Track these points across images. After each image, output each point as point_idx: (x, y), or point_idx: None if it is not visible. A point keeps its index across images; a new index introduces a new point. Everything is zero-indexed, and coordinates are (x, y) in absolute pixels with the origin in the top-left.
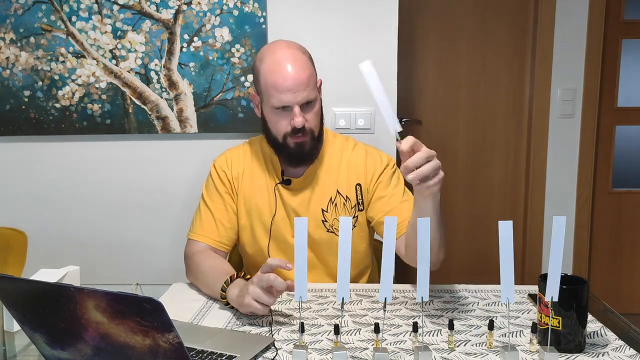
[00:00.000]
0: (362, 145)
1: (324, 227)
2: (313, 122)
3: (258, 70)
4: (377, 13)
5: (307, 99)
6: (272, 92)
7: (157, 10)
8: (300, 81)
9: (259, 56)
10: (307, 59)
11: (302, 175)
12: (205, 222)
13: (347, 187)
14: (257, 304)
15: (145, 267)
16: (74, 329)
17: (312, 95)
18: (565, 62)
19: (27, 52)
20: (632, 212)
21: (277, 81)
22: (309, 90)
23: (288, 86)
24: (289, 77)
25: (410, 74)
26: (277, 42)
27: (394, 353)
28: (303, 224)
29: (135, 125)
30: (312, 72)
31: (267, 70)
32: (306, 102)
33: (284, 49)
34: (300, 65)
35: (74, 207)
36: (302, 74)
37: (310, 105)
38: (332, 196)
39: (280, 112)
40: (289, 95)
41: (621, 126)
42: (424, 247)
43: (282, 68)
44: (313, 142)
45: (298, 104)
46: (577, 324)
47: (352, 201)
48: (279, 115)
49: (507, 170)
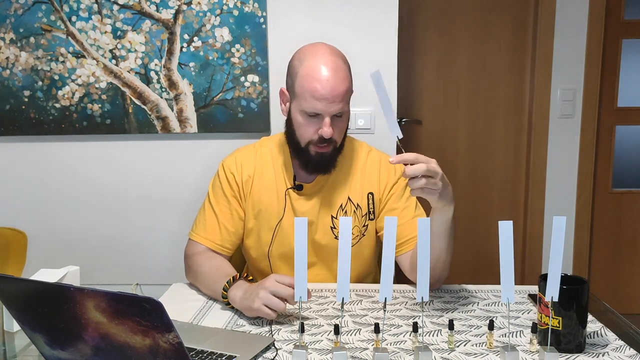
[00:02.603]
0: (377, 153)
1: (332, 234)
2: (339, 135)
3: (296, 70)
4: (377, 13)
5: (339, 111)
6: (307, 96)
7: (157, 10)
8: (337, 93)
9: (299, 56)
10: (348, 70)
11: (313, 180)
12: (209, 224)
13: (359, 195)
14: (268, 309)
15: (145, 267)
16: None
17: (345, 108)
18: (565, 62)
19: (27, 52)
20: (632, 212)
21: (315, 88)
22: (343, 103)
23: (325, 95)
24: (327, 86)
25: (410, 74)
26: (319, 45)
27: (394, 353)
28: (303, 224)
29: (135, 125)
30: (350, 85)
31: (306, 74)
32: (337, 114)
33: (327, 55)
34: (341, 77)
35: (74, 207)
36: (342, 86)
37: (340, 117)
38: (343, 203)
39: (310, 119)
40: (324, 104)
41: (621, 126)
42: (424, 247)
43: (322, 75)
44: (334, 153)
45: (330, 115)
46: (577, 324)
47: (363, 209)
48: (307, 120)
49: (507, 170)
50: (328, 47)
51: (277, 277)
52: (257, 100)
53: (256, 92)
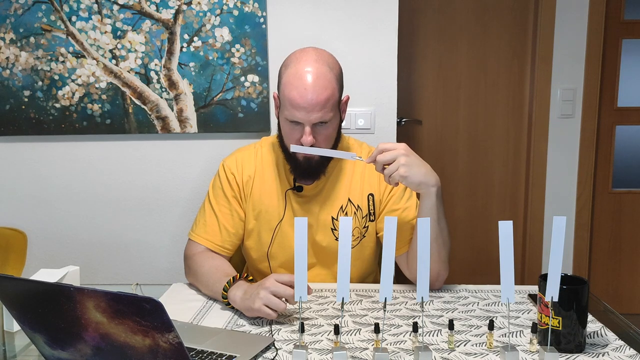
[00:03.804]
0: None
1: (332, 235)
2: (323, 143)
3: (281, 76)
4: (377, 13)
5: (320, 119)
6: (287, 105)
7: (157, 10)
8: (316, 102)
9: (286, 62)
10: (333, 77)
11: (314, 182)
12: (209, 224)
13: (359, 197)
14: (268, 309)
15: (145, 267)
16: (73, 329)
17: (327, 117)
18: (565, 62)
19: (27, 52)
20: (632, 212)
21: (294, 97)
22: (324, 111)
23: (302, 104)
24: (305, 95)
25: (410, 74)
26: (306, 51)
27: (394, 353)
28: (303, 224)
29: (135, 125)
30: (333, 92)
31: (287, 81)
32: (319, 122)
33: (310, 63)
34: (321, 85)
35: (74, 207)
36: (321, 94)
37: (324, 125)
38: (343, 204)
39: (293, 126)
40: (302, 113)
41: (621, 126)
42: (424, 247)
43: (301, 84)
44: (321, 160)
45: (310, 124)
46: (577, 324)
47: (364, 211)
48: (291, 128)
49: (507, 170)
50: (315, 52)
51: (277, 276)
52: (257, 100)
53: (256, 92)
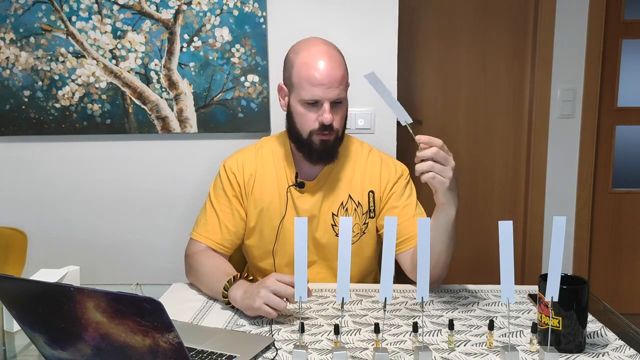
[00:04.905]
0: (377, 152)
1: (333, 232)
2: (339, 123)
3: (292, 62)
4: (377, 13)
5: (338, 97)
6: (305, 84)
7: (157, 10)
8: (334, 78)
9: (294, 49)
10: (342, 59)
11: (315, 178)
12: (210, 223)
13: (360, 193)
14: (269, 308)
15: (145, 267)
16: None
17: (343, 95)
18: (565, 62)
19: (27, 52)
20: (632, 212)
21: (312, 74)
22: (340, 89)
23: (322, 81)
24: (324, 71)
25: (410, 74)
26: (313, 38)
27: (394, 353)
28: (303, 224)
29: (135, 125)
30: (345, 72)
31: (303, 63)
32: (336, 100)
33: (321, 45)
34: (336, 63)
35: (74, 207)
36: (337, 71)
37: (339, 105)
38: (344, 201)
39: (310, 107)
40: (322, 90)
41: (621, 126)
42: (424, 247)
43: (318, 62)
44: (336, 142)
45: (329, 101)
46: (577, 324)
47: (364, 207)
48: (307, 109)
49: (507, 170)
50: (321, 39)
51: (277, 276)
52: (257, 100)
53: (256, 92)
